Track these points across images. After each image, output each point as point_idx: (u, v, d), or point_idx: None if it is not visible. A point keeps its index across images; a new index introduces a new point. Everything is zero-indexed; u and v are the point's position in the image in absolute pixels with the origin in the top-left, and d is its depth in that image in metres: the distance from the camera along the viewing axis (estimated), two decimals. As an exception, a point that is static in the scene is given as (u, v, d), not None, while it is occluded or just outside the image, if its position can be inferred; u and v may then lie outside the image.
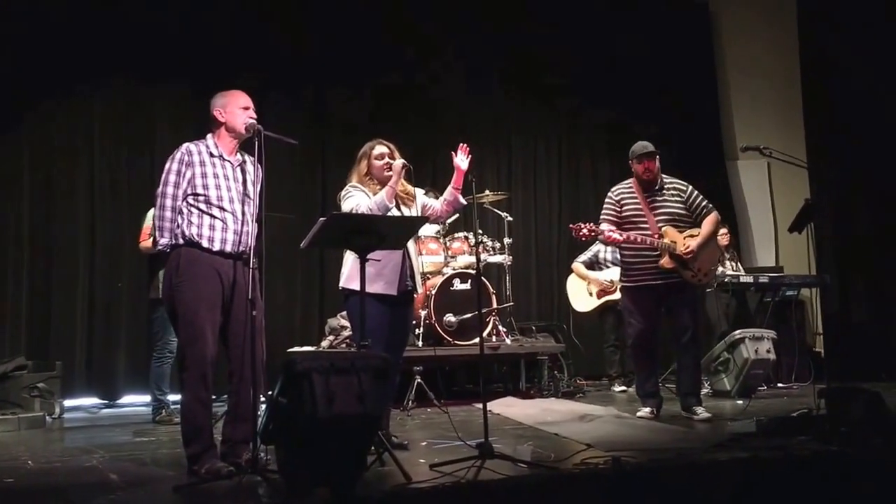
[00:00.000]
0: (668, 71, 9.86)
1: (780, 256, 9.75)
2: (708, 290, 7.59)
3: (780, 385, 7.92)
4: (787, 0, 9.95)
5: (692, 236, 5.86)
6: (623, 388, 7.92)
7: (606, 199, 6.09)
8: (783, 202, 9.65)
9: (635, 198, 5.97)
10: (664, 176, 6.06)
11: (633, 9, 9.94)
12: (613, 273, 8.00)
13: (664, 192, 6.00)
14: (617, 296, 7.93)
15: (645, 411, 5.95)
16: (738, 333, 7.39)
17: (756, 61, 10.24)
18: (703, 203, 6.04)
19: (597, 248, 8.23)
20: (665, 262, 5.78)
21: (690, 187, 6.10)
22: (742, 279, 8.19)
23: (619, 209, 5.98)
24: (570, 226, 5.84)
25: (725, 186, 9.90)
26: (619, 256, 7.98)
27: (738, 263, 8.74)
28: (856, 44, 9.10)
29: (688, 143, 9.37)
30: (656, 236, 5.82)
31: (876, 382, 7.08)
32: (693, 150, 9.38)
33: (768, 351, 7.31)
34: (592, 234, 5.72)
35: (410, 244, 4.82)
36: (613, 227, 5.84)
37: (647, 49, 9.83)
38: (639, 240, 5.79)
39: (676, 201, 5.99)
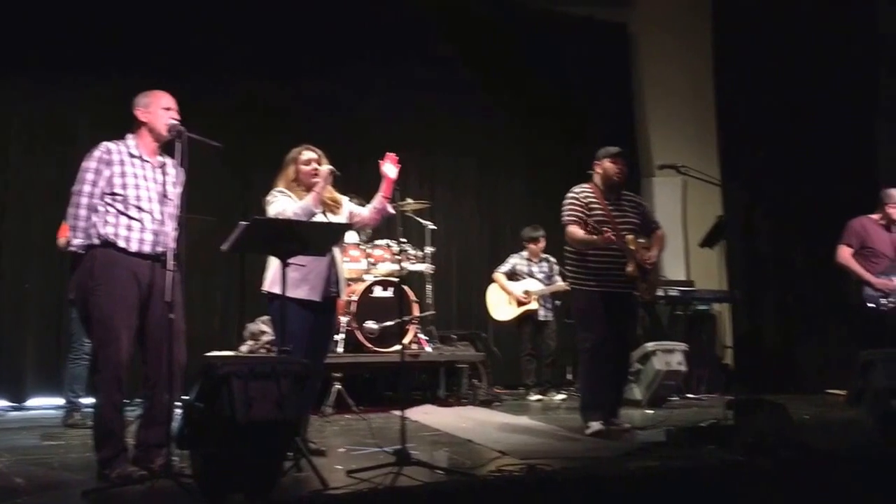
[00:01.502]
0: (585, 88, 10.08)
1: (691, 271, 9.97)
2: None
3: (690, 396, 8.13)
4: (702, 22, 10.20)
5: (646, 248, 5.72)
6: (538, 397, 8.03)
7: (571, 200, 5.73)
8: (695, 218, 9.79)
9: (598, 203, 5.72)
10: None
11: (552, 26, 10.11)
12: (528, 284, 8.14)
13: (623, 202, 5.82)
14: (534, 306, 8.09)
15: (596, 425, 5.54)
16: (650, 346, 7.55)
17: (672, 81, 10.45)
18: (655, 219, 5.99)
19: (514, 260, 8.37)
20: (632, 269, 5.56)
21: (645, 202, 6.08)
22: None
23: (587, 211, 5.68)
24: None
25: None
26: (538, 267, 8.17)
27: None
28: (768, 66, 9.39)
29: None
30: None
31: (782, 395, 7.31)
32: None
33: (679, 363, 7.48)
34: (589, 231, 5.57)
35: (336, 250, 4.81)
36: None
37: (566, 66, 10.03)
38: (625, 244, 5.59)
39: (635, 213, 5.83)
